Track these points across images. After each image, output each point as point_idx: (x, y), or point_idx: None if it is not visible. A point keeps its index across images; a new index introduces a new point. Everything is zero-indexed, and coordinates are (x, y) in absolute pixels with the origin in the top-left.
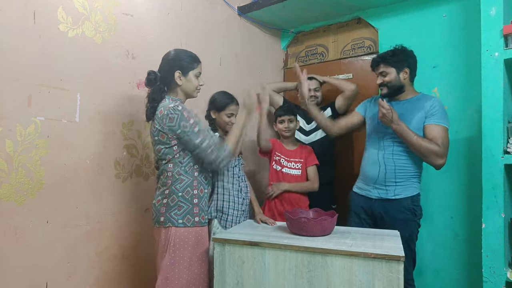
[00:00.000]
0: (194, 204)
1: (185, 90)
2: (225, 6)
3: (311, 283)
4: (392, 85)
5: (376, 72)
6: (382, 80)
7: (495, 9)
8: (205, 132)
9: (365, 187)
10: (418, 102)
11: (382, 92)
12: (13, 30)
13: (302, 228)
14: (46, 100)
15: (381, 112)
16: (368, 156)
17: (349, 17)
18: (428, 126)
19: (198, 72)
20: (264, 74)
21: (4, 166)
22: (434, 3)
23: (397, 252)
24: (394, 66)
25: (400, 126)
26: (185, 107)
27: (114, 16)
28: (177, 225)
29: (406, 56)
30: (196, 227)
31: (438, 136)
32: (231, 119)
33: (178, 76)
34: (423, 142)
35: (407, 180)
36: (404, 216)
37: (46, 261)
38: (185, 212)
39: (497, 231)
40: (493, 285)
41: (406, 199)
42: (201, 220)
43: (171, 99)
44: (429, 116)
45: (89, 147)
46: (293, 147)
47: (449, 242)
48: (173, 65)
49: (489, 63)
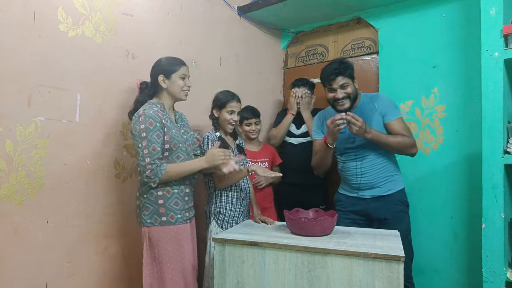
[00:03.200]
0: (159, 205)
1: (171, 93)
2: (225, 6)
3: (311, 283)
4: (354, 96)
5: (333, 86)
6: (344, 93)
7: (495, 9)
8: (151, 142)
9: (354, 190)
10: (367, 105)
11: (342, 107)
12: (13, 30)
13: (302, 228)
14: (46, 100)
15: (356, 126)
16: (347, 168)
17: (349, 17)
18: (390, 123)
19: (182, 74)
20: (264, 74)
21: (4, 166)
22: (434, 3)
23: (397, 252)
24: (350, 77)
25: (373, 133)
26: (149, 114)
27: (114, 16)
28: (147, 224)
29: (353, 67)
30: (164, 226)
31: (402, 128)
32: (232, 117)
33: (162, 79)
34: (397, 139)
35: (392, 175)
36: (399, 208)
37: (46, 261)
38: (152, 213)
39: (497, 231)
40: (493, 285)
41: (398, 192)
42: (170, 220)
43: (151, 103)
44: (385, 114)
45: (89, 147)
46: (257, 148)
47: (449, 242)
48: (156, 70)
49: (489, 63)
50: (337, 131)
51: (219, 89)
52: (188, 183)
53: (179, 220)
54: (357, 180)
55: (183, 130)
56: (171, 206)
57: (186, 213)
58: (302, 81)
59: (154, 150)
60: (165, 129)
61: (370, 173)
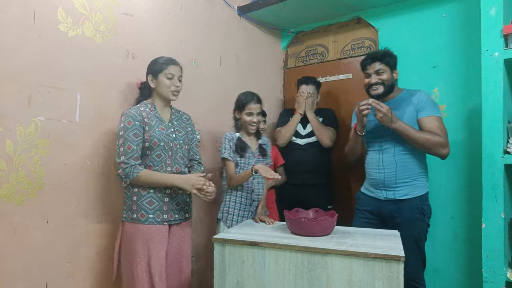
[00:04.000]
0: (133, 201)
1: (159, 92)
2: (225, 6)
3: (311, 283)
4: (388, 84)
5: (368, 71)
6: (378, 79)
7: (495, 9)
8: (127, 141)
9: (372, 189)
10: (405, 99)
11: (375, 92)
12: (13, 30)
13: (302, 228)
14: (46, 100)
15: (381, 113)
16: (370, 160)
17: (349, 17)
18: (423, 119)
19: (169, 73)
20: (264, 74)
21: (4, 166)
22: (434, 3)
23: (397, 252)
24: (389, 65)
25: (399, 124)
26: (130, 113)
27: (114, 16)
28: (122, 219)
29: (395, 58)
30: (133, 223)
31: (436, 127)
32: (251, 118)
33: (151, 79)
34: (425, 135)
35: (414, 179)
36: (413, 216)
37: (46, 261)
38: (127, 208)
39: (497, 231)
40: (493, 285)
41: (415, 198)
42: (140, 218)
43: (143, 103)
44: (420, 109)
45: (89, 147)
46: None
47: (449, 242)
48: (147, 70)
49: (489, 63)
50: (362, 116)
51: (219, 89)
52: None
53: (149, 220)
54: (377, 176)
55: (174, 129)
56: (143, 204)
57: (164, 215)
58: (311, 79)
59: (129, 149)
60: (146, 128)
61: (392, 168)
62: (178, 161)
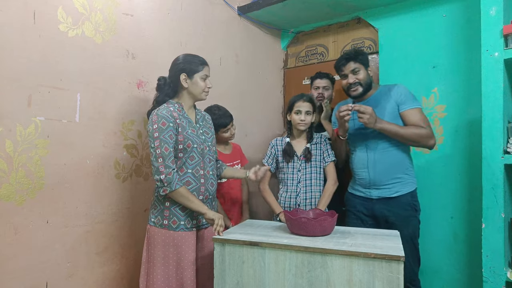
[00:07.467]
0: (165, 207)
1: (192, 93)
2: (225, 6)
3: (311, 283)
4: (366, 82)
5: (345, 72)
6: (355, 78)
7: (495, 9)
8: (164, 142)
9: (361, 188)
10: (383, 94)
11: (354, 92)
12: (13, 30)
13: (302, 228)
14: (46, 100)
15: (365, 117)
16: (357, 160)
17: (349, 17)
18: (406, 113)
19: (204, 74)
20: (264, 74)
21: (4, 166)
22: (434, 3)
23: (397, 252)
24: (363, 63)
25: (383, 124)
26: (162, 114)
27: (114, 16)
28: (150, 223)
29: (367, 56)
30: (164, 229)
31: (419, 119)
32: (299, 117)
33: (184, 78)
34: (411, 130)
35: (404, 174)
36: (407, 213)
37: (46, 261)
38: (158, 213)
39: (497, 231)
40: (493, 285)
41: (406, 195)
42: (171, 225)
43: (169, 103)
44: (401, 103)
45: (89, 147)
46: (229, 151)
47: (449, 242)
48: (179, 68)
49: (489, 63)
50: (344, 122)
51: (219, 89)
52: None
53: (181, 227)
54: (365, 175)
55: (202, 131)
56: (176, 210)
57: (194, 220)
58: (324, 74)
59: (166, 151)
60: (180, 129)
61: (380, 167)
62: (208, 164)
